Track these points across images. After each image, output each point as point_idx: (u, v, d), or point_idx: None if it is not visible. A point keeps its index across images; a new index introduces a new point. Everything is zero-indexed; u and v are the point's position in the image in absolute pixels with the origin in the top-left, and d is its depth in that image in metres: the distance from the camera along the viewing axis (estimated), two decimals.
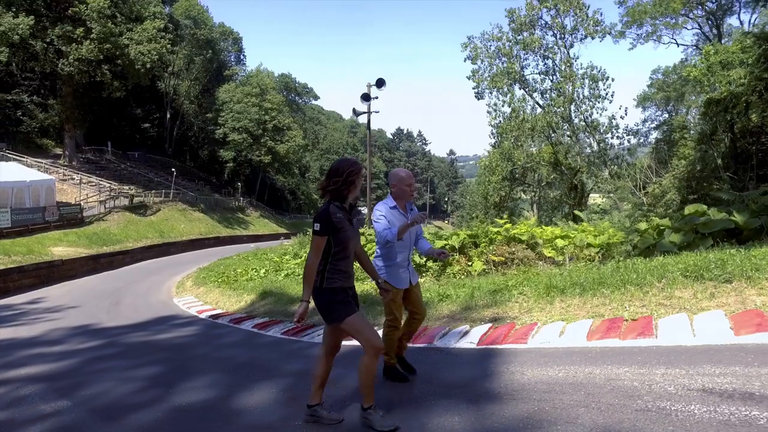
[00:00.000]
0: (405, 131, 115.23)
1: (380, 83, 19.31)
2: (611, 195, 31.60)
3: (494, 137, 31.19)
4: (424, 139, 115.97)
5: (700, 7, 26.60)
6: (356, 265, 3.33)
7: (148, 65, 32.52)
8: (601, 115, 28.71)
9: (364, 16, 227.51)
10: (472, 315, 5.72)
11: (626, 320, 4.36)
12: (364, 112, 20.28)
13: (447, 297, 6.66)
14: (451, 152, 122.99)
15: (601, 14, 29.36)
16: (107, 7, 30.94)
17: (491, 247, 11.76)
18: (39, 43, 30.43)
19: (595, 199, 35.59)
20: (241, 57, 59.34)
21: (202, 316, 9.77)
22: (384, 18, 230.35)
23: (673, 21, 26.26)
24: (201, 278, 14.57)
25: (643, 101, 48.20)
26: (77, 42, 30.50)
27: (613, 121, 28.89)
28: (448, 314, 6.03)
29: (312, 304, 2.99)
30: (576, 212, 21.63)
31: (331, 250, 2.96)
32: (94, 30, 30.46)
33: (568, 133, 29.29)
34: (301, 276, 12.42)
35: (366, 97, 19.50)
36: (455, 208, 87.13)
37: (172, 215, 33.94)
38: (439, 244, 11.85)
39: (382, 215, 3.59)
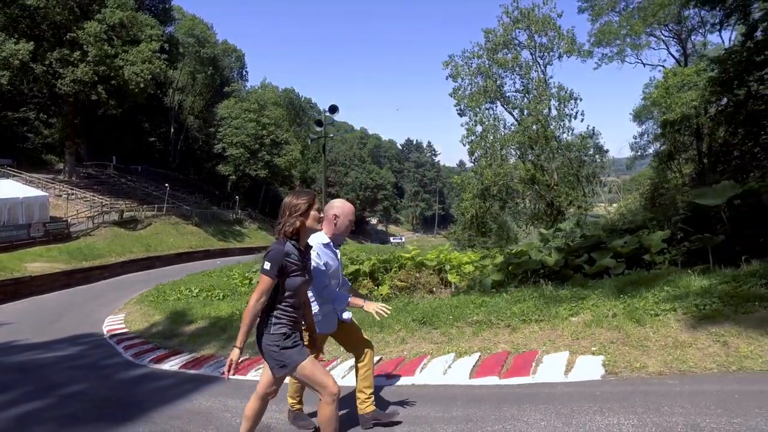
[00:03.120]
0: (414, 142, 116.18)
1: (333, 109, 20.37)
2: (586, 213, 31.93)
3: (468, 155, 31.88)
4: (434, 149, 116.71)
5: (665, 27, 26.95)
6: None
7: (142, 85, 34.20)
8: (570, 134, 29.25)
9: (372, 27, 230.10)
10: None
11: None
12: (321, 137, 21.27)
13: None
14: (461, 163, 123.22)
15: (574, 33, 29.96)
16: (103, 32, 32.81)
17: (399, 273, 12.53)
18: (39, 66, 32.35)
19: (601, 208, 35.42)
20: (244, 73, 61.20)
21: (107, 335, 10.74)
22: (394, 28, 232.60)
23: (636, 42, 26.64)
24: (144, 296, 15.64)
25: (640, 114, 48.12)
26: (73, 65, 32.37)
27: (584, 140, 29.41)
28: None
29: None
30: (541, 231, 22.20)
31: (279, 295, 2.66)
32: (90, 53, 32.33)
33: (537, 152, 29.71)
34: (221, 298, 13.45)
35: (319, 123, 20.53)
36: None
37: (163, 229, 35.38)
38: (352, 268, 12.66)
39: (317, 255, 3.10)
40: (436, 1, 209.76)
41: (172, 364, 6.69)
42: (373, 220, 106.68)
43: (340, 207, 3.26)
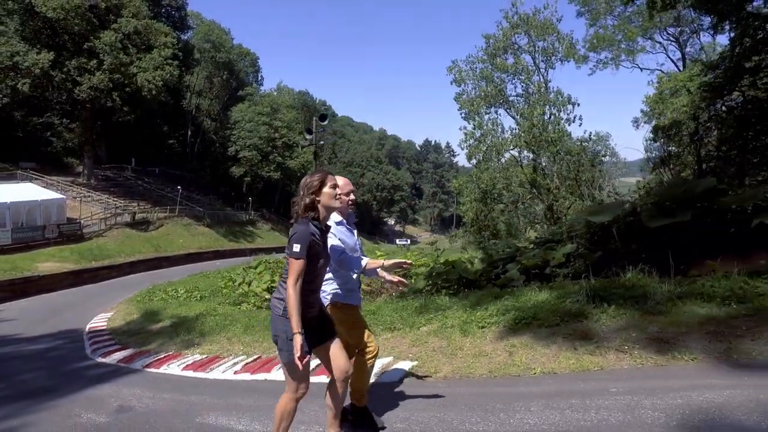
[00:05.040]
0: (433, 143, 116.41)
1: (323, 118, 21.17)
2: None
3: (467, 159, 32.35)
4: (452, 150, 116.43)
5: (664, 31, 26.89)
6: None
7: (154, 91, 35.66)
8: (568, 138, 29.33)
9: (392, 28, 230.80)
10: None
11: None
12: (311, 144, 22.09)
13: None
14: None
15: (573, 38, 30.09)
16: (118, 41, 34.37)
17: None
18: (58, 73, 34.07)
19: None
20: (259, 77, 62.69)
21: (87, 330, 11.73)
22: (414, 28, 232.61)
23: (631, 47, 26.66)
24: (136, 296, 16.67)
25: (649, 118, 47.61)
26: (90, 72, 34.02)
27: (583, 144, 29.50)
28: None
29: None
30: (535, 235, 22.59)
31: (307, 276, 2.62)
32: (105, 61, 33.95)
33: (531, 156, 30.01)
34: (199, 299, 14.36)
35: (309, 131, 21.33)
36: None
37: (174, 230, 36.78)
38: None
39: (331, 235, 3.05)
40: (456, 1, 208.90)
41: (113, 358, 7.52)
42: (391, 221, 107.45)
43: None
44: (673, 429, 2.59)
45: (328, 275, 3.14)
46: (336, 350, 2.80)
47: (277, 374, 4.95)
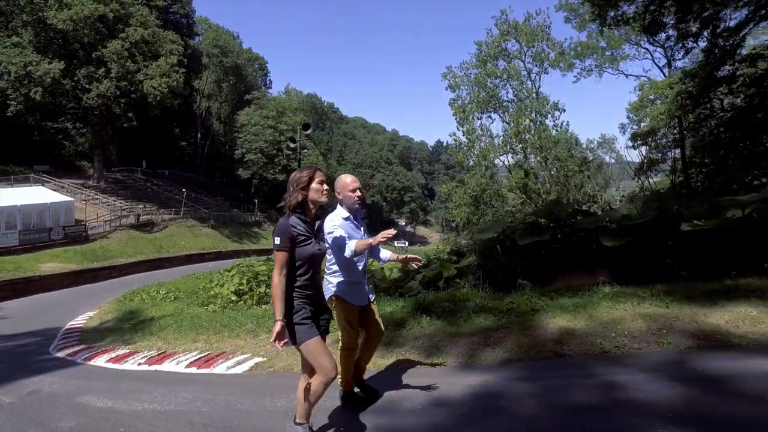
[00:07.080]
0: (444, 144, 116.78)
1: (306, 127, 22.13)
2: None
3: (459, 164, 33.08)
4: None
5: (648, 38, 27.17)
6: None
7: (159, 98, 37.18)
8: (556, 143, 29.85)
9: (402, 27, 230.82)
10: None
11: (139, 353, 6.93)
12: (294, 151, 23.10)
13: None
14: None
15: (563, 45, 30.61)
16: (125, 50, 35.96)
17: None
18: (68, 81, 35.81)
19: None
20: (267, 80, 64.16)
21: (65, 328, 12.89)
22: (423, 28, 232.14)
23: (615, 54, 27.01)
24: (121, 296, 17.89)
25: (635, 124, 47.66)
26: (98, 80, 35.69)
27: (570, 150, 29.99)
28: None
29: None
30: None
31: (292, 266, 2.83)
32: (113, 70, 35.58)
33: (521, 161, 30.60)
34: (173, 299, 15.44)
35: (293, 140, 22.35)
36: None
37: (178, 231, 38.23)
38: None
39: (336, 226, 3.25)
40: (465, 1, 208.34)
41: (65, 353, 8.58)
42: (401, 222, 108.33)
43: (336, 182, 3.45)
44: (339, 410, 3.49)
45: (335, 267, 3.40)
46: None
47: (168, 366, 5.92)
